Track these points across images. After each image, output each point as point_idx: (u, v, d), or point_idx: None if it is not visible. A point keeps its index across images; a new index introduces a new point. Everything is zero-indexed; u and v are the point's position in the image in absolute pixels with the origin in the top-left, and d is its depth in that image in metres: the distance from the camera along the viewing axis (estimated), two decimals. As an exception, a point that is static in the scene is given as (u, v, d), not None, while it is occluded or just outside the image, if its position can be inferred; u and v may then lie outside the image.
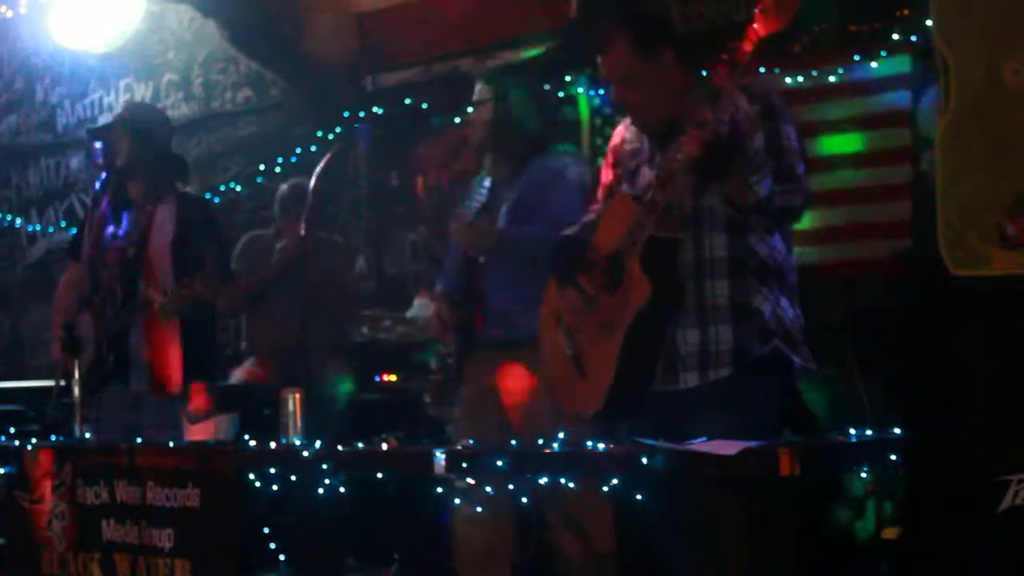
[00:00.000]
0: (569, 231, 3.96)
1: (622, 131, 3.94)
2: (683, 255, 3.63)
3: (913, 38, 5.61)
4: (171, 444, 4.47)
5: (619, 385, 3.60)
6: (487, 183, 4.63)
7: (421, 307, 6.33)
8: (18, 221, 9.20)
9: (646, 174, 3.73)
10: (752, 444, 3.14)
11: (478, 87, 4.61)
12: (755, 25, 3.37)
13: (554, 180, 4.43)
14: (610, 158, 3.95)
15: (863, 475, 3.42)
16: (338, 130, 7.20)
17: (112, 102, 8.63)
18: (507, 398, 4.43)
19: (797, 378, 3.73)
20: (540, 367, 4.26)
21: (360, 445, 3.97)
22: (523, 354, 4.33)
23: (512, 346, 4.37)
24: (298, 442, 4.07)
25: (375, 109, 7.24)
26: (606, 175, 3.96)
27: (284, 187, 6.27)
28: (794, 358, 3.66)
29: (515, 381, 4.40)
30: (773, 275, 3.66)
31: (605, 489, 3.46)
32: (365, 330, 6.40)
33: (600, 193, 3.98)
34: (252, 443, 4.18)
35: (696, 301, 3.63)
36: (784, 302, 3.67)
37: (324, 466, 3.87)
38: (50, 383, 5.39)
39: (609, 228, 3.73)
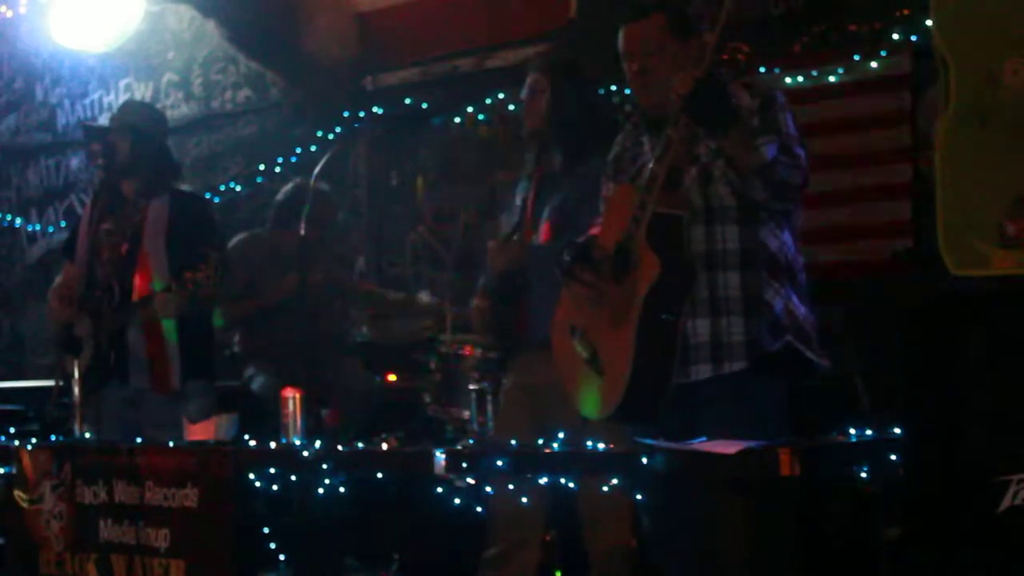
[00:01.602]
0: (580, 241, 3.96)
1: (621, 140, 3.95)
2: (695, 246, 3.62)
3: (913, 38, 5.61)
4: (171, 444, 4.47)
5: (637, 376, 3.53)
6: (521, 193, 4.59)
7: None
8: (18, 221, 9.19)
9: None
10: (752, 444, 3.13)
11: (533, 76, 4.49)
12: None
13: (597, 192, 4.30)
14: (610, 171, 3.95)
15: (863, 475, 3.42)
16: (338, 130, 7.21)
17: (112, 102, 8.61)
18: None
19: (811, 376, 3.72)
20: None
21: (360, 445, 3.97)
22: None
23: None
24: (298, 442, 4.07)
25: (375, 109, 7.23)
26: (606, 188, 3.96)
27: (287, 187, 6.25)
28: (808, 355, 3.65)
29: None
30: (783, 271, 3.66)
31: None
32: (365, 330, 6.40)
33: (603, 207, 3.97)
34: (252, 443, 4.18)
35: (708, 293, 3.62)
36: (795, 299, 3.66)
37: (324, 466, 3.87)
38: (50, 383, 5.39)
39: (613, 221, 3.72)
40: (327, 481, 3.95)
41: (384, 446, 3.86)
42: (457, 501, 4.05)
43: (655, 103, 3.73)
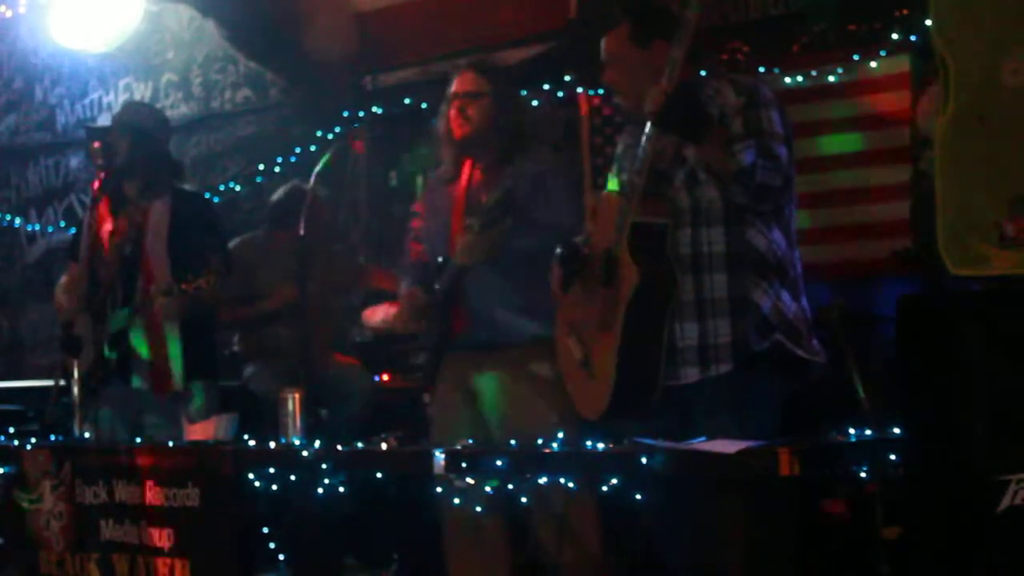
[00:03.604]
0: (577, 240, 3.97)
1: (624, 136, 3.97)
2: (681, 249, 3.64)
3: (913, 38, 5.61)
4: (171, 444, 4.47)
5: (622, 379, 3.58)
6: (446, 194, 4.53)
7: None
8: (18, 221, 9.20)
9: None
10: (752, 444, 3.14)
11: (473, 79, 4.44)
12: None
13: (539, 185, 4.32)
14: (615, 168, 3.97)
15: (863, 475, 3.42)
16: (338, 130, 7.21)
17: (112, 102, 8.62)
18: None
19: (805, 372, 3.72)
20: (523, 370, 4.29)
21: (360, 445, 3.97)
22: (505, 356, 4.33)
23: (494, 348, 4.34)
24: (298, 442, 4.07)
25: (375, 109, 7.23)
26: (611, 185, 3.98)
27: (282, 189, 6.25)
28: (798, 352, 3.65)
29: None
30: (773, 269, 3.67)
31: (601, 489, 3.47)
32: (366, 330, 6.39)
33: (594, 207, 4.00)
34: (252, 443, 4.18)
35: (694, 296, 3.65)
36: (786, 296, 3.67)
37: (324, 466, 3.87)
38: (50, 383, 5.38)
39: (601, 225, 3.76)
40: (327, 481, 3.95)
41: (384, 446, 3.86)
42: (457, 501, 4.04)
43: (630, 107, 3.82)
